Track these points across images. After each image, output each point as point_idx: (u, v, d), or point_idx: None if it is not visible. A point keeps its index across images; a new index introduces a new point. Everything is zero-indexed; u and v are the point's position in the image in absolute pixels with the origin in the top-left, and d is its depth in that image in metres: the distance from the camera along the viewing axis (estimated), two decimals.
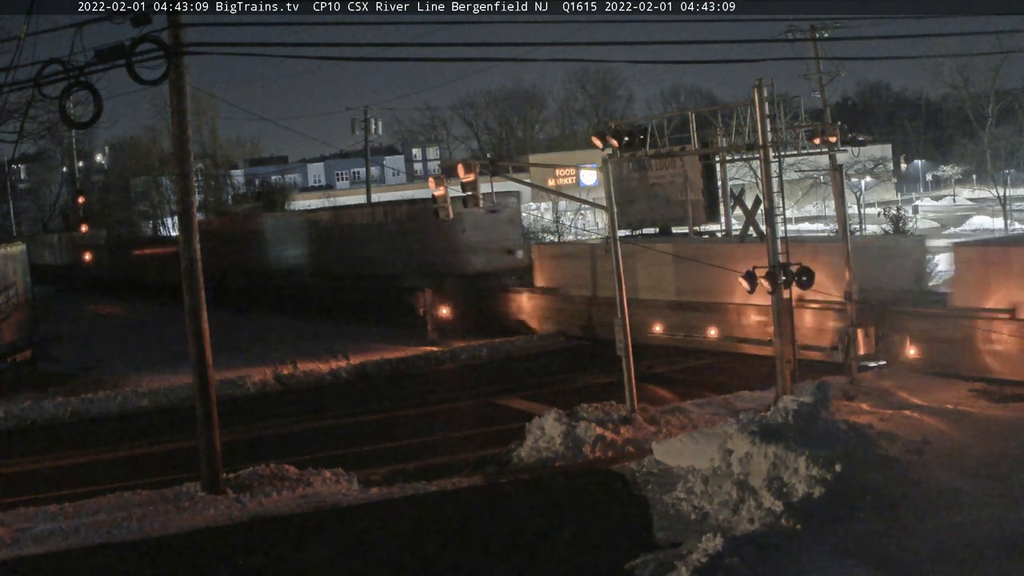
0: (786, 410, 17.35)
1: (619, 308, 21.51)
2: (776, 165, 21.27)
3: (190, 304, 18.18)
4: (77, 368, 33.45)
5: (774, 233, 20.60)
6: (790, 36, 49.30)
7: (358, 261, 44.78)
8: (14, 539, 16.35)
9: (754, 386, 23.35)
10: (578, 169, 66.27)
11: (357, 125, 69.54)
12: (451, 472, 18.93)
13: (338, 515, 16.88)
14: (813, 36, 50.52)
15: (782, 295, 20.69)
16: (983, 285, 23.00)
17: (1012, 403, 20.53)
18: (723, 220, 32.41)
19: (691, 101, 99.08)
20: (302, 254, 49.52)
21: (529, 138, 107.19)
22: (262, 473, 18.80)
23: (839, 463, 15.64)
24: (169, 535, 16.33)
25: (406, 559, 14.81)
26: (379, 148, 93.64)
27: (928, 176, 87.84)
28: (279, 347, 34.27)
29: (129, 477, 19.86)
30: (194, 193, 18.66)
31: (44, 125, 41.87)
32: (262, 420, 25.18)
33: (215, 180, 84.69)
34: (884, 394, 22.00)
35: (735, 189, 35.06)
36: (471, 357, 31.37)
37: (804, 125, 25.89)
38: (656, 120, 23.71)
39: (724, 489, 15.76)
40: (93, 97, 16.62)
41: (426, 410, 25.15)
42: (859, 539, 13.85)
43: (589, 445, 19.29)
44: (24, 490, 19.63)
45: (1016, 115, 69.66)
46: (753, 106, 20.91)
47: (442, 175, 22.54)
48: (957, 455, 17.27)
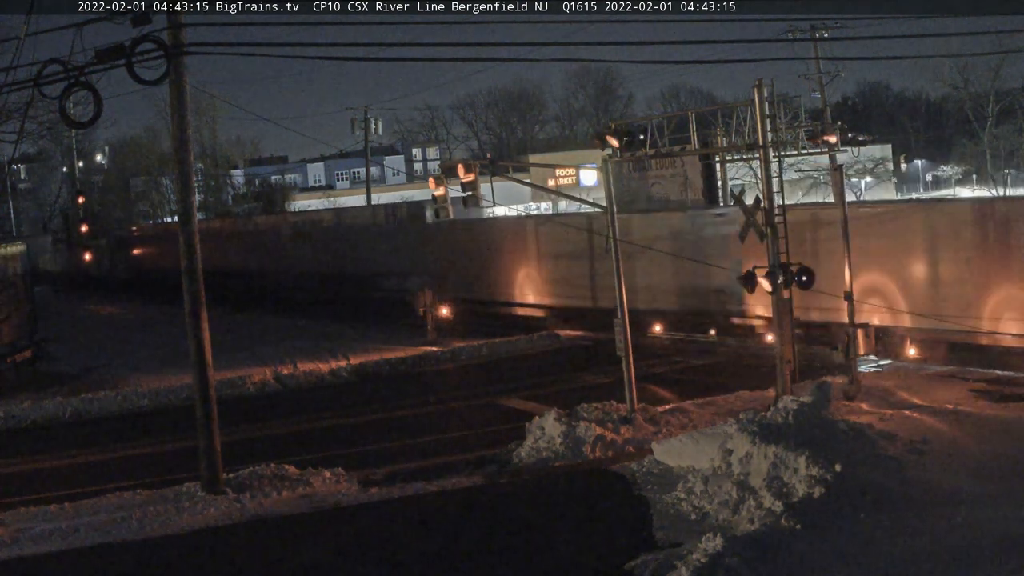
0: (786, 410, 17.35)
1: (619, 308, 21.51)
2: (776, 165, 21.27)
3: (190, 304, 18.18)
4: (77, 368, 33.42)
5: (774, 233, 20.60)
6: (790, 36, 49.38)
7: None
8: (14, 539, 16.36)
9: (754, 386, 23.34)
10: (578, 169, 66.17)
11: (357, 125, 69.56)
12: (451, 472, 18.92)
13: (338, 515, 16.88)
14: (813, 36, 50.60)
15: (782, 295, 20.68)
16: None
17: (1012, 403, 20.53)
18: None
19: (691, 101, 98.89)
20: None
21: (529, 138, 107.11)
22: (262, 473, 18.80)
23: (839, 463, 15.64)
24: (169, 535, 16.33)
25: (406, 559, 14.81)
26: (379, 148, 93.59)
27: (928, 176, 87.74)
28: (279, 347, 34.28)
29: (129, 477, 19.87)
30: (194, 193, 18.67)
31: (44, 125, 41.70)
32: (262, 420, 25.17)
33: (215, 180, 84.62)
34: (884, 394, 22.00)
35: (735, 189, 35.02)
36: (471, 357, 31.36)
37: (804, 125, 25.93)
38: (656, 120, 23.72)
39: (724, 489, 15.75)
40: (93, 97, 16.63)
41: (426, 410, 25.15)
42: (859, 539, 13.85)
43: (589, 445, 19.29)
44: (24, 490, 19.62)
45: (1016, 115, 69.55)
46: (753, 106, 20.90)
47: (442, 175, 22.53)
48: (957, 455, 17.27)
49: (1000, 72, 67.84)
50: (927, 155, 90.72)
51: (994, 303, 22.75)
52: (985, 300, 22.85)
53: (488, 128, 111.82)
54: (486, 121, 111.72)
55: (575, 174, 66.75)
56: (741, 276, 20.90)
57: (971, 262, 23.19)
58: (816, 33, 50.43)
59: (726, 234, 27.44)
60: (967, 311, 23.21)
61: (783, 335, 20.76)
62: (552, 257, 35.54)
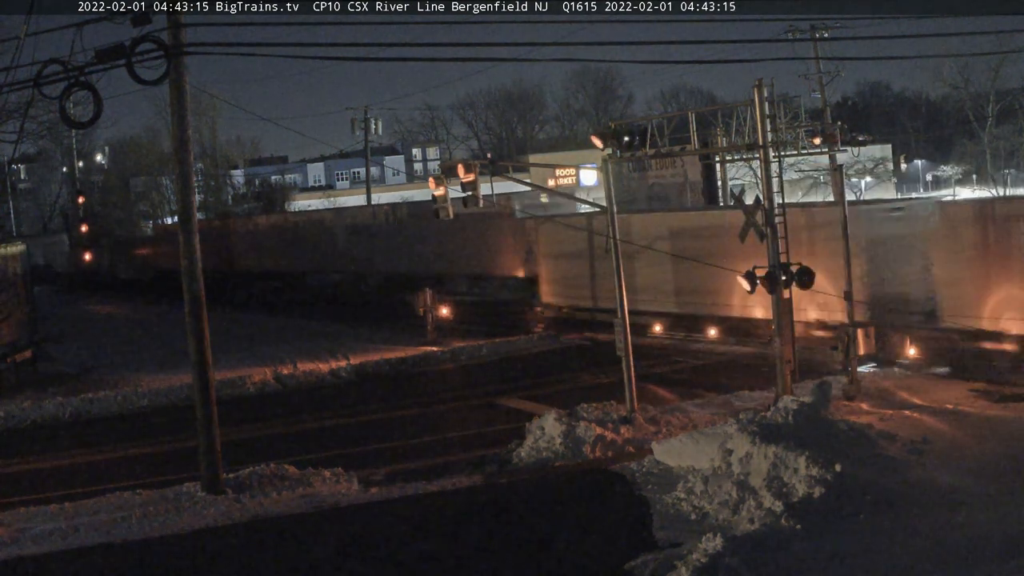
0: (786, 410, 17.35)
1: (619, 308, 21.51)
2: (776, 165, 21.26)
3: (190, 304, 18.18)
4: (77, 368, 33.43)
5: (774, 233, 20.60)
6: (790, 36, 49.32)
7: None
8: (14, 539, 16.36)
9: (754, 386, 23.35)
10: (578, 169, 66.14)
11: (357, 125, 69.59)
12: (451, 472, 18.93)
13: (338, 515, 16.88)
14: (813, 36, 50.57)
15: (782, 295, 20.67)
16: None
17: (1012, 403, 20.53)
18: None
19: (691, 101, 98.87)
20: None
21: (529, 138, 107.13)
22: (262, 473, 18.80)
23: (839, 463, 15.64)
24: (169, 535, 16.34)
25: (406, 559, 14.81)
26: (379, 148, 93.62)
27: (928, 176, 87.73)
28: (279, 347, 34.28)
29: (129, 477, 19.88)
30: (194, 193, 18.68)
31: (44, 125, 41.83)
32: (262, 420, 25.18)
33: (215, 180, 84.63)
34: (884, 394, 22.01)
35: (735, 189, 35.06)
36: (471, 357, 31.36)
37: (804, 125, 25.86)
38: (656, 120, 23.64)
39: (724, 489, 15.75)
40: (93, 97, 16.63)
41: (426, 410, 25.15)
42: (859, 539, 13.85)
43: (589, 445, 19.29)
44: (24, 490, 19.63)
45: (1016, 115, 69.52)
46: (753, 106, 20.88)
47: (442, 175, 22.53)
48: (957, 455, 17.27)
49: (1000, 72, 67.86)
50: (927, 155, 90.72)
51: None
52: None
53: (488, 128, 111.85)
54: (486, 121, 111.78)
55: (575, 174, 66.74)
56: (742, 275, 20.85)
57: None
58: (816, 33, 50.39)
59: (909, 233, 24.12)
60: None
61: (783, 335, 20.76)
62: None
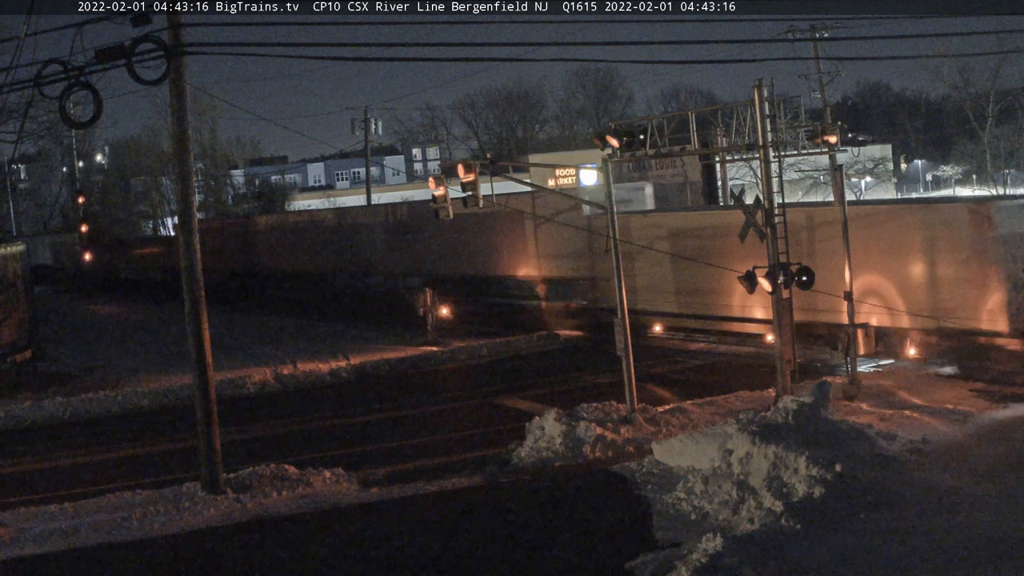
0: (786, 410, 17.35)
1: (619, 308, 21.51)
2: (776, 165, 21.27)
3: (190, 304, 18.18)
4: (77, 368, 33.43)
5: (774, 233, 20.60)
6: (790, 36, 49.31)
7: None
8: (14, 539, 16.36)
9: (754, 386, 23.35)
10: (578, 169, 66.11)
11: (357, 125, 69.52)
12: (451, 472, 18.93)
13: (338, 515, 16.89)
14: (813, 36, 50.54)
15: (782, 295, 20.68)
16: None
17: (1012, 403, 20.54)
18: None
19: (691, 101, 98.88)
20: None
21: (529, 138, 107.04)
22: (262, 473, 18.80)
23: (839, 463, 15.65)
24: (169, 535, 16.35)
25: (406, 559, 14.82)
26: (379, 148, 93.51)
27: (928, 176, 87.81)
28: (279, 347, 34.28)
29: (129, 477, 19.87)
30: (194, 193, 18.68)
31: (44, 125, 41.90)
32: (262, 420, 25.18)
33: (215, 180, 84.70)
34: (884, 394, 22.01)
35: (735, 189, 35.03)
36: (471, 357, 31.37)
37: (804, 125, 25.84)
38: (656, 120, 23.62)
39: (724, 489, 15.76)
40: (93, 97, 16.63)
41: (426, 410, 25.14)
42: (859, 539, 13.85)
43: (589, 445, 19.30)
44: (24, 490, 19.62)
45: (1016, 115, 69.61)
46: (753, 106, 20.89)
47: (442, 175, 22.53)
48: (957, 455, 17.28)
49: (1000, 72, 68.02)
50: (927, 155, 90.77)
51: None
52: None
53: (488, 128, 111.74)
54: (486, 121, 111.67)
55: (575, 174, 66.71)
56: (742, 276, 20.85)
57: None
58: (816, 33, 50.37)
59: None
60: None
61: (783, 335, 20.77)
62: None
